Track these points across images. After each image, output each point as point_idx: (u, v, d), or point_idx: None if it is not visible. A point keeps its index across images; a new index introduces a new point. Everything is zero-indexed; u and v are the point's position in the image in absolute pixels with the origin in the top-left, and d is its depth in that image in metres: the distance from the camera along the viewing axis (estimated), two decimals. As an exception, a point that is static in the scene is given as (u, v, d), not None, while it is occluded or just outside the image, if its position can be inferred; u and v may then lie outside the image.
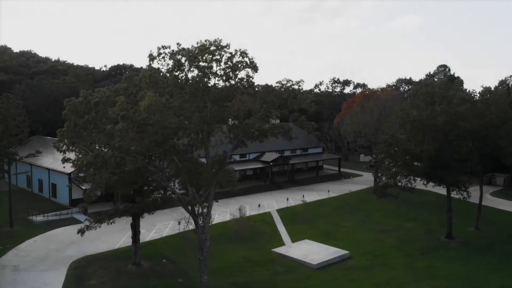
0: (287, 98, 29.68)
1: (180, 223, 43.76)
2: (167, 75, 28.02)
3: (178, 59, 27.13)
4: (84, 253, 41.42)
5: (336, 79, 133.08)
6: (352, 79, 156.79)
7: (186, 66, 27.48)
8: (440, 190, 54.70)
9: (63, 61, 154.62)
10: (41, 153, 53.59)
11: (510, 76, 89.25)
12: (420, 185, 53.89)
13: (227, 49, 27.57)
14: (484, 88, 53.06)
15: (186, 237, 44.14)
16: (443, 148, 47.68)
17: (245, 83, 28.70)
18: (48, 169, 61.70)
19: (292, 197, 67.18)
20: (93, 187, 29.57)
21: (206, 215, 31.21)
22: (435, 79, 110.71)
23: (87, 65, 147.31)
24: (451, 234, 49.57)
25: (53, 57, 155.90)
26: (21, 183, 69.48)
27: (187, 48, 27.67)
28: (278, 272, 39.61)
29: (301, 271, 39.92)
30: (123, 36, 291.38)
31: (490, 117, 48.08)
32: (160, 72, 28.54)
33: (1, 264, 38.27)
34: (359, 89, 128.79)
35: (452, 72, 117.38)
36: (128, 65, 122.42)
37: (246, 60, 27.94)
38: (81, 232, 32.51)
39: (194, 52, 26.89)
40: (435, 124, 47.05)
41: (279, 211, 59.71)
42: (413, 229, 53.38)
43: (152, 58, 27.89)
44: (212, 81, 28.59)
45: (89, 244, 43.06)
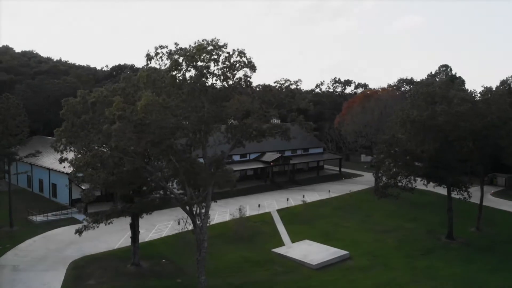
0: (284, 97, 29.56)
1: (179, 223, 43.74)
2: (164, 74, 27.94)
3: (176, 59, 27.04)
4: (84, 253, 41.41)
5: (337, 79, 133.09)
6: (354, 79, 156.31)
7: (183, 66, 27.40)
8: (441, 190, 54.50)
9: (65, 61, 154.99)
10: (41, 153, 53.65)
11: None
12: (420, 186, 53.71)
13: (225, 48, 27.47)
14: (484, 88, 52.89)
15: (185, 237, 44.04)
16: (444, 148, 47.49)
17: (243, 83, 28.58)
18: (49, 169, 61.76)
19: (293, 197, 67.06)
20: (91, 187, 29.53)
21: (204, 215, 31.13)
22: (437, 79, 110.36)
23: (88, 65, 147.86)
24: (451, 234, 49.37)
25: (55, 57, 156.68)
26: (21, 183, 69.61)
27: (184, 48, 27.59)
28: (278, 272, 39.48)
29: (301, 271, 39.78)
30: (124, 36, 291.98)
31: (491, 117, 47.85)
32: (157, 71, 28.46)
33: (1, 264, 38.32)
34: (360, 89, 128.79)
35: (454, 72, 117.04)
36: (129, 65, 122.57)
37: (244, 59, 27.84)
38: (79, 232, 32.48)
39: (192, 52, 26.80)
40: (435, 124, 46.86)
41: (279, 211, 59.61)
42: (414, 230, 53.18)
43: (150, 58, 27.83)
44: (210, 81, 28.49)
45: (88, 244, 43.06)
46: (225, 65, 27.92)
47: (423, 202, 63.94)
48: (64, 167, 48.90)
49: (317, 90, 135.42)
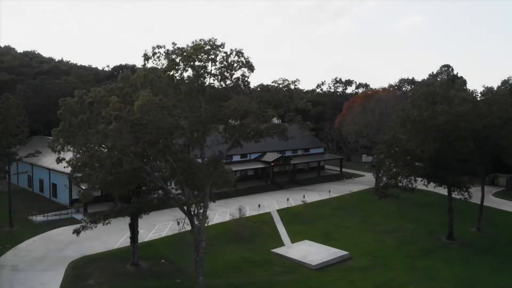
0: (282, 97, 29.47)
1: (179, 223, 43.68)
2: (161, 74, 27.88)
3: (173, 58, 26.98)
4: (83, 253, 41.40)
5: (338, 79, 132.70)
6: (355, 79, 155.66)
7: (181, 66, 27.34)
8: (442, 190, 54.30)
9: (67, 61, 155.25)
10: (41, 153, 53.64)
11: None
12: (421, 186, 53.51)
13: (222, 48, 27.42)
14: (485, 88, 52.69)
15: (185, 237, 43.98)
16: (444, 148, 47.32)
17: (241, 83, 28.50)
18: (49, 169, 61.76)
19: (293, 197, 66.94)
20: (89, 187, 29.51)
21: (202, 216, 31.06)
22: (438, 79, 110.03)
23: (90, 65, 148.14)
24: (452, 235, 49.19)
25: (57, 57, 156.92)
26: (22, 183, 69.70)
27: (182, 48, 27.51)
28: (277, 272, 39.39)
29: (300, 271, 39.68)
30: (126, 37, 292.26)
31: (492, 117, 47.66)
32: (155, 71, 28.42)
33: (0, 264, 38.30)
34: (361, 89, 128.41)
35: (455, 72, 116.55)
36: (130, 65, 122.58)
37: (242, 59, 27.78)
38: (77, 233, 32.44)
39: (189, 52, 26.74)
40: (436, 124, 46.69)
41: (279, 211, 59.50)
42: (414, 230, 53.00)
43: (147, 58, 27.78)
44: (208, 80, 28.44)
45: (88, 244, 43.05)
46: (222, 65, 27.87)
47: (423, 202, 63.75)
48: (64, 167, 48.96)
49: (318, 90, 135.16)
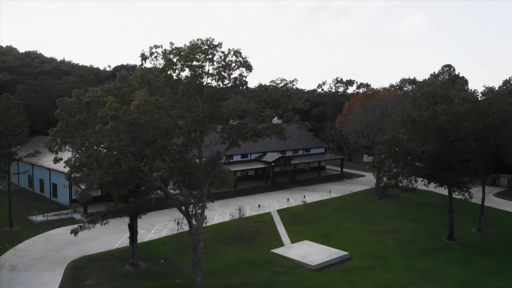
0: (280, 97, 29.38)
1: (178, 223, 43.63)
2: (159, 74, 27.81)
3: (170, 58, 26.90)
4: (82, 253, 41.37)
5: (339, 79, 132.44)
6: (356, 79, 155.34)
7: (178, 66, 27.27)
8: (442, 191, 54.11)
9: (68, 61, 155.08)
10: (41, 153, 53.62)
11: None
12: (421, 186, 53.31)
13: (219, 48, 27.34)
14: (486, 88, 52.49)
15: (184, 237, 43.93)
16: (444, 148, 47.17)
17: (238, 83, 28.41)
18: (49, 169, 61.76)
19: (293, 197, 66.82)
20: (87, 187, 29.47)
21: (200, 216, 30.99)
22: (440, 79, 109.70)
23: (91, 65, 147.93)
24: (452, 235, 49.00)
25: (59, 57, 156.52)
26: (22, 183, 69.76)
27: (179, 47, 27.43)
28: (276, 273, 39.31)
29: (300, 272, 39.59)
30: (128, 37, 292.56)
31: (492, 117, 47.46)
32: (152, 71, 28.35)
33: (-1, 263, 38.35)
34: (362, 89, 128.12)
35: (457, 72, 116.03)
36: (132, 65, 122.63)
37: (240, 59, 27.70)
38: (74, 233, 32.40)
39: (186, 51, 26.66)
40: (436, 124, 46.54)
41: (279, 211, 59.40)
42: (414, 230, 52.83)
43: (145, 58, 27.73)
44: (205, 80, 28.33)
45: (87, 244, 43.05)
46: (220, 65, 27.81)
47: (424, 202, 63.54)
48: (64, 167, 49.06)
49: (319, 90, 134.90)
